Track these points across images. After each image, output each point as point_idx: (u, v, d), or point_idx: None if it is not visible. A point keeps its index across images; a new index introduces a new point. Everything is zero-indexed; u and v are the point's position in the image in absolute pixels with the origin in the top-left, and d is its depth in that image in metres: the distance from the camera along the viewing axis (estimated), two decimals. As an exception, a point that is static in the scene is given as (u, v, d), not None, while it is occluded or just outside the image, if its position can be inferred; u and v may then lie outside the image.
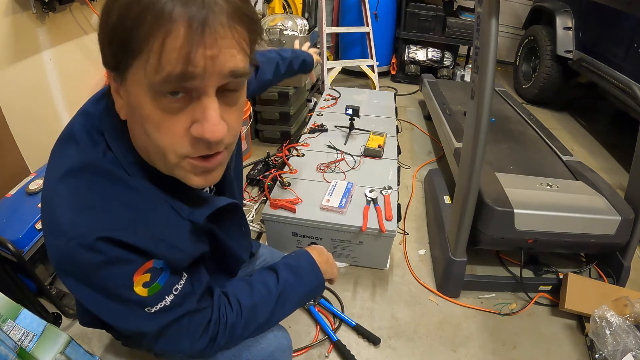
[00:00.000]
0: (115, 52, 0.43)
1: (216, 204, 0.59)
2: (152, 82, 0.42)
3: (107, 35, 0.43)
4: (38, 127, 1.61)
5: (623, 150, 2.57)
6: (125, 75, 0.44)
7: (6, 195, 1.27)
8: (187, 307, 0.57)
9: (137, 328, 0.55)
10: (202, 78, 0.42)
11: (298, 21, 2.32)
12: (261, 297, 0.67)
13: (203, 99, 0.44)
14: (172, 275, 0.55)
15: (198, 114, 0.44)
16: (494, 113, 2.14)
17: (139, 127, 0.47)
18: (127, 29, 0.40)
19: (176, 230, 0.54)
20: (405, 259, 1.59)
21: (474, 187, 1.24)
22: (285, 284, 0.69)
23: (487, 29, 1.06)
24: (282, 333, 0.78)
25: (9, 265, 1.16)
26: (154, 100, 0.43)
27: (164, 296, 0.54)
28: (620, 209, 1.33)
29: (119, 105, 0.50)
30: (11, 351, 0.72)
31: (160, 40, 0.39)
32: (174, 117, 0.44)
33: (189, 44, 0.39)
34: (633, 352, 1.10)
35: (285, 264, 0.73)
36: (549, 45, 2.92)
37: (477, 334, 1.30)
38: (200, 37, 0.40)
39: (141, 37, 0.40)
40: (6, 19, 1.42)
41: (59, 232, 0.48)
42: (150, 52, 0.40)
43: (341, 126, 2.02)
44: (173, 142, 0.46)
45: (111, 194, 0.50)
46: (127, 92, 0.46)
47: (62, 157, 0.54)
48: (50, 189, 0.51)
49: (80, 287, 0.51)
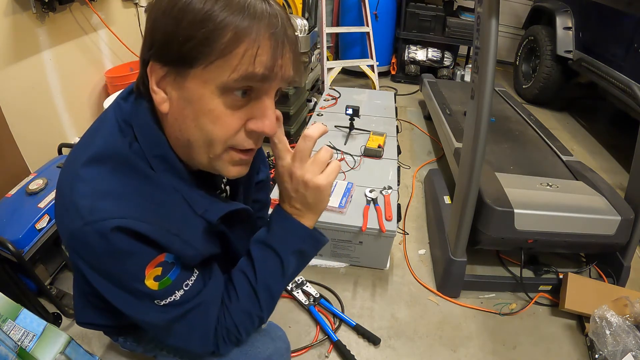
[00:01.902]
0: (196, 48, 0.45)
1: (230, 207, 0.60)
2: (231, 79, 0.46)
3: (184, 29, 0.45)
4: (38, 127, 1.61)
5: (623, 150, 2.57)
6: (189, 72, 0.47)
7: (6, 195, 1.27)
8: (196, 303, 0.58)
9: (145, 318, 0.56)
10: (271, 82, 0.50)
11: (298, 21, 2.32)
12: (247, 292, 0.62)
13: (264, 99, 0.51)
14: (183, 270, 0.56)
15: (257, 112, 0.51)
16: (494, 113, 2.14)
17: (191, 121, 0.50)
18: (216, 29, 0.44)
19: (190, 227, 0.56)
20: (405, 259, 1.59)
21: (474, 187, 1.24)
22: (263, 271, 0.62)
23: (487, 29, 1.06)
24: (280, 336, 0.77)
25: (9, 265, 1.16)
26: (220, 96, 0.48)
27: (174, 291, 0.55)
28: (620, 209, 1.33)
29: (160, 99, 0.51)
30: (11, 351, 0.71)
31: (254, 47, 0.46)
32: (234, 113, 0.50)
33: (274, 55, 0.47)
34: (633, 352, 1.10)
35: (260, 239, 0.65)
36: (549, 45, 2.92)
37: (477, 334, 1.30)
38: (281, 51, 0.48)
39: (233, 40, 0.45)
40: (6, 19, 1.42)
41: (77, 215, 0.49)
42: (242, 55, 0.46)
43: (341, 126, 2.02)
44: (228, 134, 0.51)
45: (132, 185, 0.52)
46: (184, 87, 0.48)
47: (89, 143, 0.55)
48: (73, 171, 0.52)
49: (89, 269, 0.52)
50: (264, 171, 0.99)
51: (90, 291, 0.65)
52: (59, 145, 1.50)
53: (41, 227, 1.19)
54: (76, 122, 1.84)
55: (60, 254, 1.33)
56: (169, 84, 0.50)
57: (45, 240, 1.20)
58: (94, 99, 1.99)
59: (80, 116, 1.87)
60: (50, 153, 1.50)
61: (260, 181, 0.98)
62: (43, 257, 1.26)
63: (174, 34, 0.45)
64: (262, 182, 0.99)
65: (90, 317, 0.73)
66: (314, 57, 2.63)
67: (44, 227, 1.20)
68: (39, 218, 1.18)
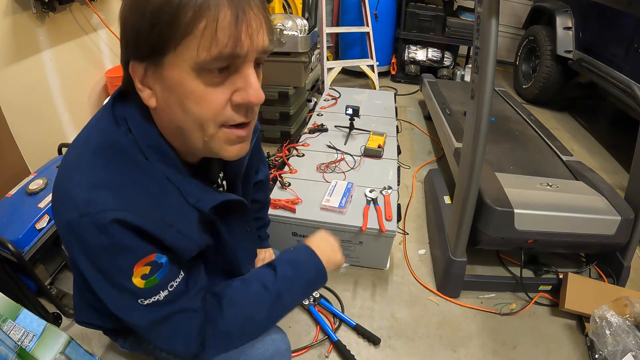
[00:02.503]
0: (161, 34, 0.46)
1: (224, 197, 0.61)
2: (201, 60, 0.46)
3: (149, 19, 0.46)
4: (38, 127, 1.61)
5: (623, 150, 2.57)
6: (163, 60, 0.48)
7: (6, 195, 1.27)
8: (179, 306, 0.58)
9: (128, 318, 0.57)
10: (245, 54, 0.48)
11: (298, 21, 2.31)
12: (258, 296, 0.65)
13: (243, 70, 0.50)
14: (170, 271, 0.56)
15: (240, 83, 0.50)
16: (494, 113, 2.14)
17: (176, 107, 0.51)
18: (176, 11, 0.44)
19: (184, 217, 0.56)
20: (405, 259, 1.59)
21: (474, 187, 1.24)
22: (283, 278, 0.67)
23: (487, 29, 1.06)
24: (280, 336, 0.77)
25: (9, 265, 1.16)
26: (198, 77, 0.48)
27: (158, 291, 0.55)
28: (620, 209, 1.33)
29: (147, 95, 0.52)
30: (11, 351, 0.71)
31: (212, 23, 0.45)
32: (216, 90, 0.50)
33: (236, 26, 0.46)
34: (633, 352, 1.10)
35: (282, 258, 0.71)
36: (549, 45, 2.92)
37: (477, 334, 1.30)
38: (243, 19, 0.47)
39: (193, 18, 0.45)
40: (6, 19, 1.42)
41: (73, 206, 0.49)
42: (202, 33, 0.45)
43: (341, 126, 2.02)
44: (215, 112, 0.50)
45: (127, 175, 0.52)
46: (163, 76, 0.49)
47: (86, 136, 0.57)
48: (70, 163, 0.53)
49: (82, 259, 0.53)
50: (263, 171, 0.99)
51: (87, 288, 0.65)
52: (59, 145, 1.50)
53: (41, 227, 1.19)
54: (76, 122, 1.84)
55: (60, 254, 1.33)
56: (151, 79, 0.51)
57: (45, 240, 1.20)
58: (94, 99, 1.99)
59: (80, 116, 1.87)
60: (50, 153, 1.50)
61: (259, 181, 0.98)
62: (43, 257, 1.26)
63: (141, 27, 0.47)
64: (261, 182, 0.99)
65: (88, 316, 0.73)
66: (314, 57, 2.63)
67: (44, 227, 1.20)
68: (39, 218, 1.18)
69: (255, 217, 1.02)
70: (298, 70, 2.21)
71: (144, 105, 0.53)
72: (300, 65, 2.19)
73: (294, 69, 2.20)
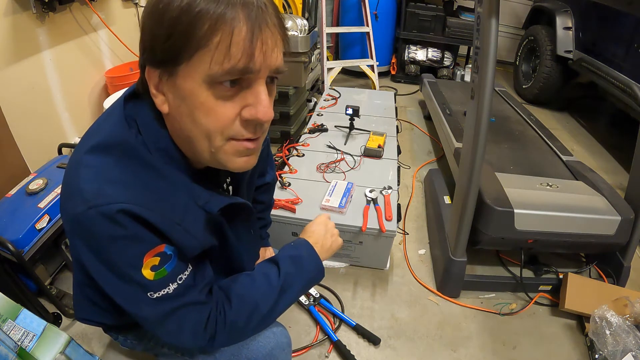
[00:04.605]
0: (176, 44, 0.46)
1: (232, 200, 0.62)
2: (213, 72, 0.47)
3: (165, 28, 0.46)
4: (38, 127, 1.61)
5: (623, 150, 2.57)
6: (177, 69, 0.48)
7: (6, 195, 1.27)
8: (188, 299, 0.58)
9: (137, 311, 0.57)
10: (258, 70, 0.48)
11: (298, 21, 2.32)
12: (263, 290, 0.67)
13: (255, 86, 0.50)
14: (179, 264, 0.56)
15: (250, 99, 0.51)
16: (494, 113, 2.14)
17: (186, 117, 0.51)
18: (192, 21, 0.45)
19: (192, 217, 0.57)
20: (405, 259, 1.59)
21: (474, 187, 1.24)
22: (286, 275, 0.70)
23: (487, 29, 1.06)
24: (281, 329, 0.78)
25: (9, 265, 1.16)
26: (209, 89, 0.48)
27: (168, 283, 0.55)
28: (620, 209, 1.33)
29: (160, 101, 0.53)
30: (11, 351, 0.71)
31: (227, 37, 0.45)
32: (226, 104, 0.50)
33: (251, 42, 0.46)
34: (633, 352, 1.10)
35: (284, 255, 0.73)
36: (549, 45, 2.92)
37: (477, 334, 1.30)
38: (258, 36, 0.47)
39: (208, 31, 0.45)
40: (6, 19, 1.42)
41: (81, 199, 0.49)
42: (217, 46, 0.45)
43: (341, 126, 2.02)
44: (222, 125, 0.51)
45: (136, 173, 0.53)
46: (176, 85, 0.50)
47: (95, 132, 0.57)
48: (79, 158, 0.53)
49: (88, 254, 0.53)
50: (270, 174, 1.00)
51: (88, 284, 0.66)
52: (59, 145, 1.50)
53: (41, 227, 1.19)
54: (76, 122, 1.84)
55: (60, 254, 1.33)
56: (165, 86, 0.51)
57: (45, 240, 1.20)
58: (94, 99, 1.99)
59: (80, 116, 1.87)
60: (50, 153, 1.50)
61: (266, 183, 0.99)
62: (43, 257, 1.26)
63: (158, 34, 0.47)
64: (267, 184, 1.00)
65: (89, 313, 0.73)
66: (314, 57, 2.63)
67: (44, 227, 1.20)
68: (39, 218, 1.18)
69: (258, 217, 1.03)
70: (298, 70, 2.21)
71: (156, 108, 0.54)
72: (300, 65, 2.20)
73: (294, 69, 2.20)
